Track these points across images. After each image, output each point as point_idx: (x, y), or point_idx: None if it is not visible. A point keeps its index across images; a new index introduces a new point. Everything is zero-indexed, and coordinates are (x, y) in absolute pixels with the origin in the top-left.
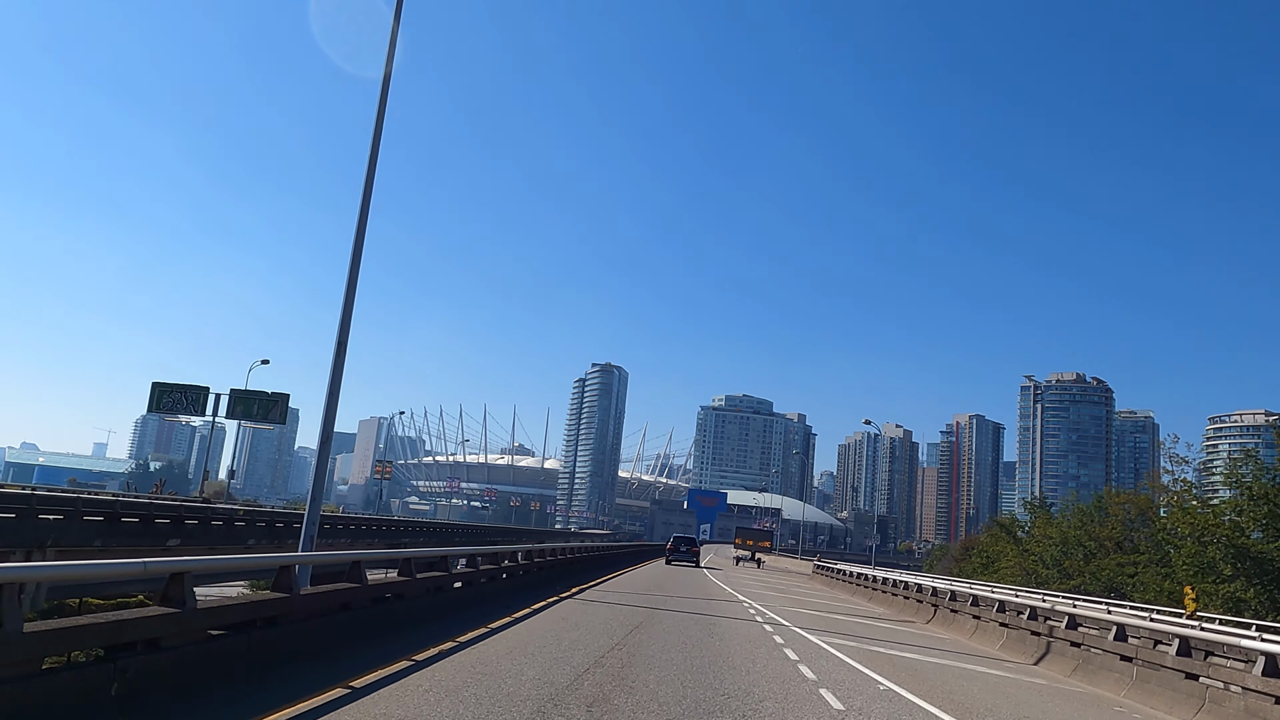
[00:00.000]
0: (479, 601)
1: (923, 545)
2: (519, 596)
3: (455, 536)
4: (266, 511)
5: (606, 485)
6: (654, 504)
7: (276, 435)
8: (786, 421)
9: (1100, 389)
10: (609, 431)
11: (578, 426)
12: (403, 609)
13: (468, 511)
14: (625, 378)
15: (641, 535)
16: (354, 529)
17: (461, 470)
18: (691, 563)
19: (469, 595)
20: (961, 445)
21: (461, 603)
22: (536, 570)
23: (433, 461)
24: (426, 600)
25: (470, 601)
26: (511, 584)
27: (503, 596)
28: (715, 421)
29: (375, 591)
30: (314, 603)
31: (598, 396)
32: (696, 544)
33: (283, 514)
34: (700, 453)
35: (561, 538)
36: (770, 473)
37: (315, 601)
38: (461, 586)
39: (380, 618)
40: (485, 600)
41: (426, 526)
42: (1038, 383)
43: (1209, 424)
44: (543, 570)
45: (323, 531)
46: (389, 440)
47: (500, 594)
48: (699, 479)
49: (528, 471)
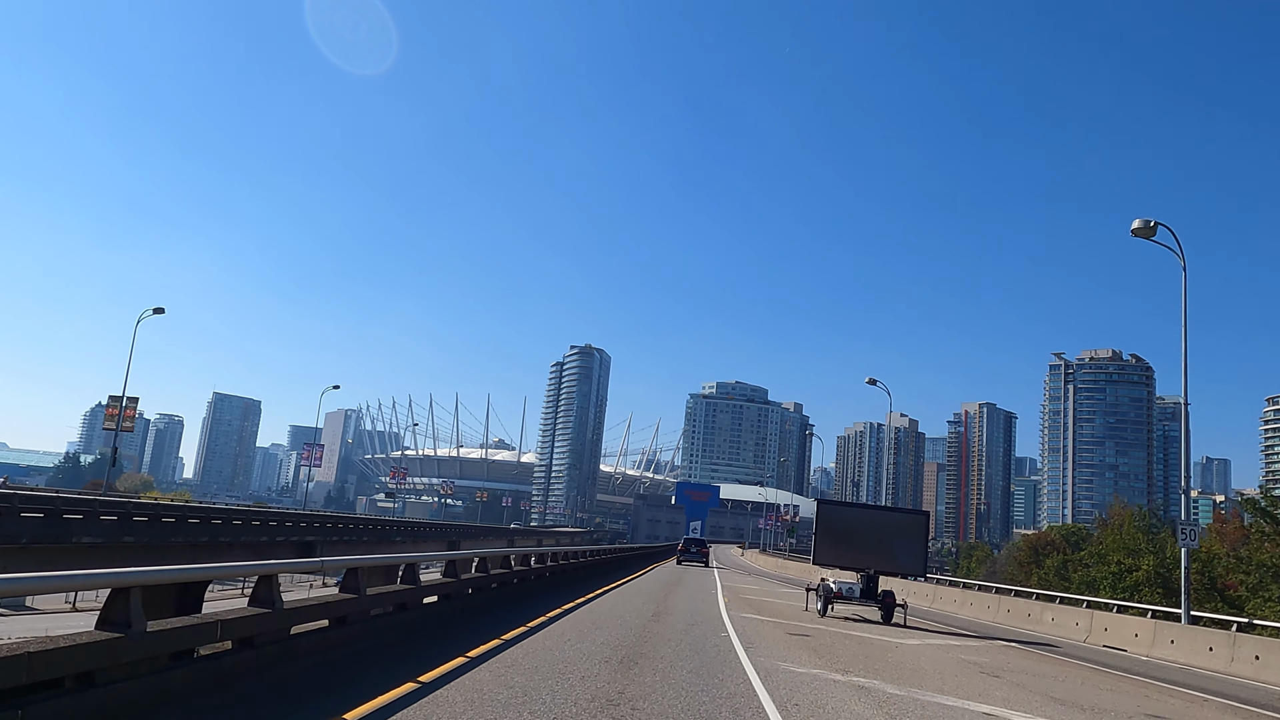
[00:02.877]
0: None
1: (936, 544)
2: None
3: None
4: (179, 506)
5: (586, 479)
6: (638, 499)
7: (237, 431)
8: (783, 411)
9: (1139, 368)
10: (589, 420)
11: (555, 415)
12: None
13: (438, 509)
14: (608, 362)
15: (624, 535)
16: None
17: (433, 465)
18: (701, 563)
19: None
20: (971, 436)
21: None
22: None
23: (401, 455)
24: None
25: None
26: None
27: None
28: (706, 411)
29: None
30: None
31: (577, 382)
32: (706, 545)
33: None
34: (689, 444)
35: (504, 538)
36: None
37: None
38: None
39: None
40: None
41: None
42: (1069, 361)
43: (1267, 405)
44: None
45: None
46: (357, 434)
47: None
48: (688, 473)
49: (503, 466)
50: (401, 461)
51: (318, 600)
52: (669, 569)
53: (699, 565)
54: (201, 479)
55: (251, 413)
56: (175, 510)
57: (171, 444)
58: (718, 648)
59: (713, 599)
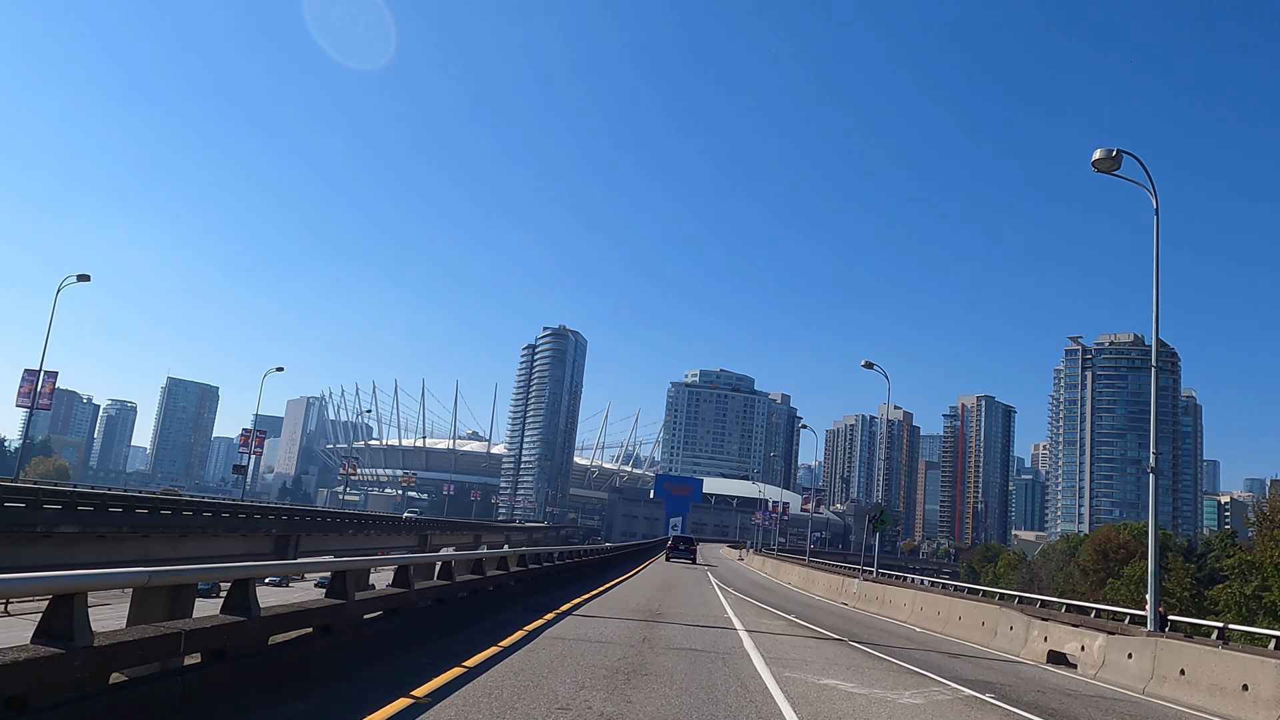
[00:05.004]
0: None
1: (933, 545)
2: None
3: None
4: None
5: (558, 472)
6: (613, 493)
7: (193, 418)
8: (770, 402)
9: (1165, 353)
10: (562, 408)
11: (525, 402)
12: None
13: (402, 502)
14: (583, 346)
15: (598, 532)
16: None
17: (397, 456)
18: (689, 560)
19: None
20: (968, 431)
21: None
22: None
23: (365, 446)
24: None
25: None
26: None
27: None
28: (688, 400)
29: None
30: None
31: (549, 366)
32: (694, 543)
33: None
34: (670, 436)
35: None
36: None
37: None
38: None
39: None
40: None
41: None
42: (1086, 347)
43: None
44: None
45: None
46: (320, 423)
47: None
48: (669, 467)
49: (472, 457)
50: (365, 452)
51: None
52: (651, 577)
53: (686, 561)
54: (153, 468)
55: (208, 399)
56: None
57: (124, 432)
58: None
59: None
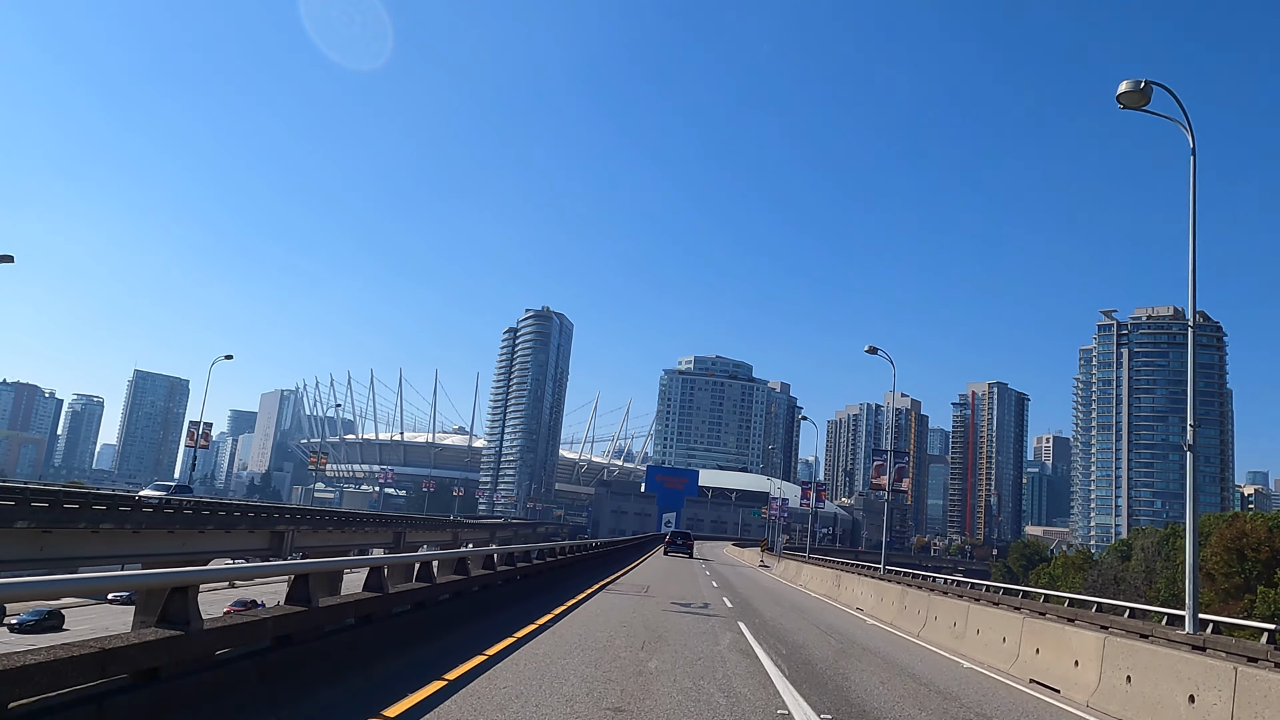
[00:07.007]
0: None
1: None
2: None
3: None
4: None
5: (542, 465)
6: (601, 486)
7: (162, 413)
8: (769, 390)
9: (1208, 328)
10: (546, 396)
11: (506, 390)
12: None
13: (378, 500)
14: (569, 330)
15: (585, 529)
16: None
17: (374, 451)
18: (686, 554)
19: None
20: (979, 421)
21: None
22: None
23: (340, 440)
24: None
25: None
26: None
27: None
28: (682, 388)
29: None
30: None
31: (532, 350)
32: (691, 537)
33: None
34: (664, 427)
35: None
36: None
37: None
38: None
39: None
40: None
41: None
42: (1121, 322)
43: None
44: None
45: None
46: (295, 417)
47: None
48: (662, 459)
49: (453, 452)
50: (340, 447)
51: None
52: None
53: (683, 556)
54: (120, 465)
55: (178, 393)
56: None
57: (90, 428)
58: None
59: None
